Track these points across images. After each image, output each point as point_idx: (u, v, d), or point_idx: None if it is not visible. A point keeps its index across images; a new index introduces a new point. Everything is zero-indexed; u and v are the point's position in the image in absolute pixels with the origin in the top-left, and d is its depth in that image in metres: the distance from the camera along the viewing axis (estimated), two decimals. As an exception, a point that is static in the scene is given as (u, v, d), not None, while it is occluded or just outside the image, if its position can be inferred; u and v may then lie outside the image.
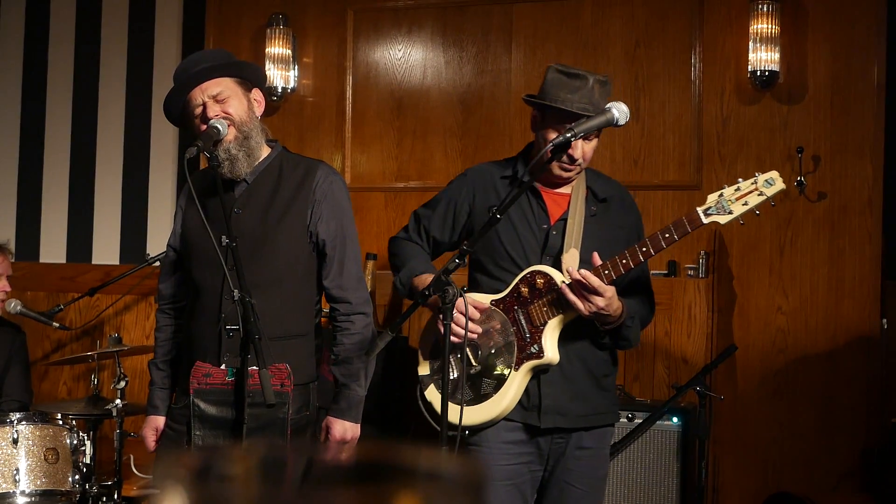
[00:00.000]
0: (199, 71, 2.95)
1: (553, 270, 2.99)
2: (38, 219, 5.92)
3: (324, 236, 3.01)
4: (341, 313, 3.05)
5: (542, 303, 2.98)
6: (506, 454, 3.00)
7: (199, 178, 3.17)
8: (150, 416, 3.14)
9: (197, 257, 3.05)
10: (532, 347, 2.97)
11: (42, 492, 3.77)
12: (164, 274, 3.22)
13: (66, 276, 5.77)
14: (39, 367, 5.61)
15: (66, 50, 5.90)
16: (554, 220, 3.07)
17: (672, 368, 4.70)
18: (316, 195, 3.01)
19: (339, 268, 3.04)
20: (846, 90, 4.60)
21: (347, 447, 0.58)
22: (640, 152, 4.87)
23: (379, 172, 5.32)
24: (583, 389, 3.04)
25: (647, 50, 4.89)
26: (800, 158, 4.58)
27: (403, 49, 5.31)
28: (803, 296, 4.62)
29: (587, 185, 3.11)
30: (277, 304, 2.91)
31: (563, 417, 3.02)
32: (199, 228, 2.97)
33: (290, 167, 3.06)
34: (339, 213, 3.05)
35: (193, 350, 3.02)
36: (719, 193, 2.91)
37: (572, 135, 2.79)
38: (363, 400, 3.07)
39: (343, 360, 3.03)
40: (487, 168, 3.22)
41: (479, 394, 2.99)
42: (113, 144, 5.78)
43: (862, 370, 4.50)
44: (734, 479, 4.64)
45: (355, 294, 3.06)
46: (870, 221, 4.54)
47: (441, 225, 3.18)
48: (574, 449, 3.04)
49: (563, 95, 2.95)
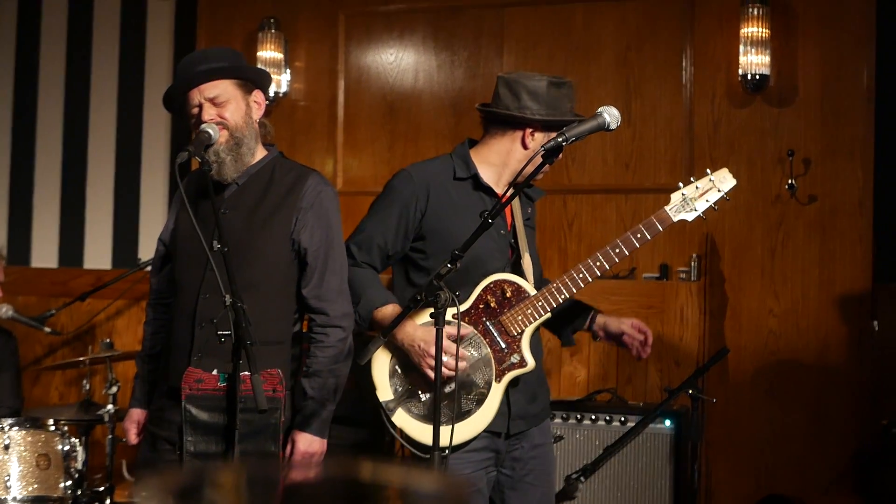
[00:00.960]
0: (199, 72, 2.93)
1: (518, 278, 2.97)
2: (29, 224, 5.91)
3: (306, 245, 2.97)
4: (317, 324, 2.99)
5: (515, 312, 2.94)
6: (469, 462, 2.95)
7: (193, 179, 3.17)
8: (132, 409, 3.14)
9: (182, 257, 3.04)
10: (512, 357, 2.94)
11: (34, 497, 3.76)
12: (154, 268, 3.23)
13: (58, 280, 5.76)
14: (31, 372, 5.60)
15: (57, 55, 5.89)
16: (509, 225, 3.05)
17: (664, 371, 4.71)
18: (303, 203, 2.97)
19: (320, 278, 2.98)
20: (836, 93, 4.62)
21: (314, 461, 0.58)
22: (631, 156, 4.88)
23: (371, 176, 5.32)
24: (535, 388, 3.09)
25: (639, 54, 4.90)
26: (790, 161, 4.59)
27: (395, 53, 5.31)
28: (794, 298, 4.63)
29: None
30: (254, 308, 2.88)
31: (525, 420, 3.04)
32: (189, 229, 2.97)
33: (281, 172, 3.04)
34: (325, 224, 3.00)
35: (170, 348, 3.02)
36: (681, 193, 3.02)
37: (564, 139, 2.77)
38: (332, 414, 2.99)
39: (313, 373, 2.96)
40: (429, 168, 3.11)
41: (461, 411, 2.92)
42: (104, 149, 5.77)
43: (853, 372, 4.52)
44: (727, 482, 4.65)
45: (333, 306, 2.98)
46: (860, 224, 4.56)
47: (395, 236, 3.03)
48: (530, 449, 3.07)
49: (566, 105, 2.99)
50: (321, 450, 2.98)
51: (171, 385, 2.98)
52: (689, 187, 3.01)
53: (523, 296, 2.94)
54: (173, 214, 3.17)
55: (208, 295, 2.91)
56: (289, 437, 2.98)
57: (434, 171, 3.08)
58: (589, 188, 4.96)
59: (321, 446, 2.97)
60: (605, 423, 4.20)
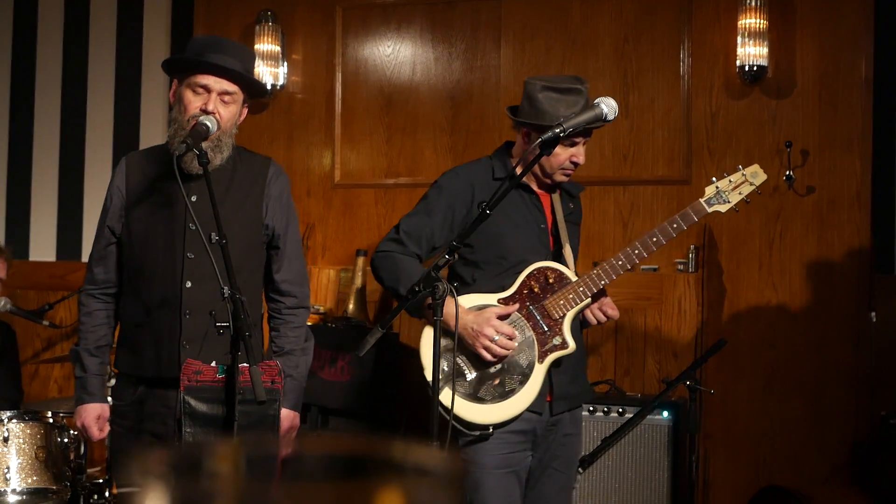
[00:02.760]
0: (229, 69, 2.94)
1: (560, 266, 3.14)
2: (27, 217, 5.91)
3: (279, 231, 3.09)
4: (286, 306, 3.14)
5: (557, 297, 3.10)
6: (507, 443, 3.08)
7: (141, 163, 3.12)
8: (88, 404, 3.08)
9: (149, 244, 2.99)
10: (555, 339, 3.10)
11: (33, 490, 3.76)
12: (98, 258, 3.11)
13: (56, 274, 5.76)
14: (30, 365, 5.60)
15: (54, 48, 5.89)
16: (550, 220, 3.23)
17: (662, 363, 4.71)
18: (271, 191, 3.08)
19: (289, 263, 3.13)
20: (834, 85, 4.62)
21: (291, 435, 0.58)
22: (629, 148, 4.88)
23: (368, 169, 5.32)
24: (578, 371, 3.24)
25: (636, 46, 4.90)
26: (788, 153, 4.60)
27: (392, 46, 5.31)
28: (793, 290, 4.63)
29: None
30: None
31: (566, 401, 3.18)
32: (153, 215, 2.97)
33: (242, 161, 3.09)
34: (290, 211, 3.14)
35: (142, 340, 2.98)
36: (716, 186, 3.21)
37: (561, 130, 2.80)
38: (303, 388, 3.17)
39: (288, 352, 3.10)
40: (475, 168, 3.29)
41: (505, 390, 3.06)
42: (102, 143, 5.77)
43: (851, 363, 4.52)
44: (725, 473, 4.66)
45: (301, 289, 3.15)
46: (858, 215, 4.56)
47: (441, 229, 3.20)
48: (561, 435, 3.19)
49: (564, 112, 3.02)
50: (297, 423, 3.13)
51: (153, 376, 2.96)
52: (723, 181, 3.22)
53: (565, 282, 3.11)
54: (119, 200, 3.08)
55: (191, 283, 2.92)
56: None
57: (477, 170, 3.28)
58: (586, 180, 4.94)
59: (297, 420, 3.13)
60: (603, 414, 4.21)
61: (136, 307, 3.03)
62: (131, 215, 3.05)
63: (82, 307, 3.12)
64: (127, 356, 3.05)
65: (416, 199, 5.23)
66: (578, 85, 3.08)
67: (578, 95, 3.05)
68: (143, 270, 3.02)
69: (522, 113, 3.14)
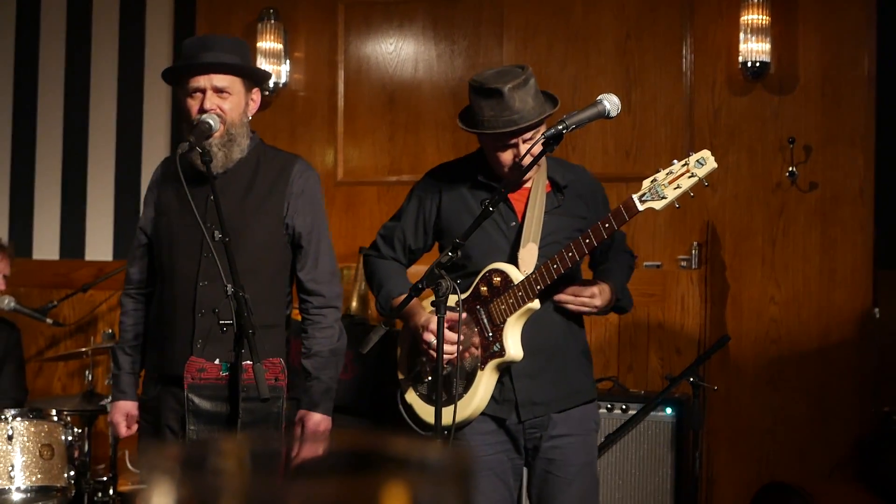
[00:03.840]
0: (216, 63, 2.95)
1: (509, 267, 2.98)
2: (30, 216, 5.92)
3: (300, 229, 3.05)
4: (314, 306, 3.08)
5: (499, 300, 2.96)
6: (484, 444, 3.01)
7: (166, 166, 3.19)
8: (119, 401, 3.12)
9: (172, 245, 3.04)
10: (494, 346, 2.96)
11: (37, 488, 3.77)
12: (132, 258, 3.20)
13: (60, 272, 5.76)
14: (34, 363, 5.61)
15: (56, 46, 5.89)
16: (520, 216, 3.05)
17: (665, 359, 4.71)
18: (293, 188, 3.05)
19: (315, 261, 3.07)
20: (837, 80, 4.61)
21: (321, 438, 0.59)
22: (631, 144, 4.88)
23: (371, 166, 5.32)
24: (556, 374, 3.04)
25: (638, 42, 4.89)
26: (791, 149, 4.59)
27: (395, 43, 5.31)
28: (796, 286, 4.63)
29: (549, 175, 3.08)
30: (251, 293, 2.91)
31: (540, 406, 3.02)
32: (177, 215, 2.99)
33: (266, 159, 3.09)
34: (315, 208, 3.10)
35: (163, 337, 3.01)
36: (652, 179, 2.82)
37: (564, 127, 2.79)
38: (334, 391, 3.09)
39: (315, 353, 3.04)
40: (448, 167, 3.24)
41: (452, 394, 2.97)
42: (105, 140, 5.77)
43: (854, 359, 4.52)
44: (728, 470, 4.66)
45: (328, 287, 3.09)
46: (861, 211, 4.56)
47: (414, 231, 3.16)
48: (548, 438, 3.03)
49: (488, 115, 2.92)
50: (327, 427, 3.07)
51: (168, 373, 2.99)
52: (663, 172, 2.81)
53: (509, 285, 2.96)
54: (151, 202, 3.16)
55: (206, 283, 2.93)
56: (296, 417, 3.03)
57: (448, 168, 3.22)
58: (590, 177, 4.95)
59: (328, 424, 3.07)
60: (607, 411, 4.20)
61: (159, 306, 3.08)
62: (158, 217, 3.11)
63: (121, 306, 3.22)
64: (150, 354, 3.10)
65: (418, 196, 5.27)
66: (500, 85, 2.88)
67: (497, 98, 2.87)
68: (164, 270, 3.06)
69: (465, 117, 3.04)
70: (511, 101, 2.88)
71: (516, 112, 2.88)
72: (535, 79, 2.97)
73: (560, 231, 3.03)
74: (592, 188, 3.19)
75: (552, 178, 3.08)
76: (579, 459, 3.06)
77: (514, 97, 2.88)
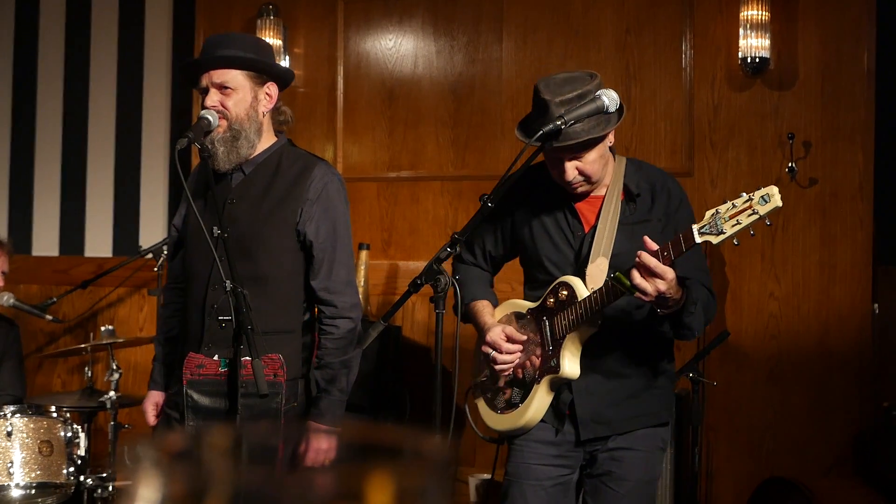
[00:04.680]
0: (215, 57, 2.92)
1: (577, 281, 2.89)
2: (30, 212, 5.92)
3: (312, 237, 2.96)
4: (326, 316, 3.00)
5: (563, 315, 2.89)
6: (535, 454, 2.96)
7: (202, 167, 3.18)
8: (151, 391, 3.17)
9: (191, 247, 3.07)
10: (552, 361, 2.90)
11: (37, 484, 3.77)
12: (170, 253, 3.28)
13: (59, 268, 5.76)
14: (33, 359, 5.61)
15: (56, 42, 5.89)
16: (588, 228, 2.95)
17: (665, 355, 4.71)
18: (309, 194, 2.95)
19: (328, 270, 2.98)
20: (837, 76, 4.61)
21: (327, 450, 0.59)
22: (631, 140, 4.88)
23: (371, 162, 5.32)
24: (623, 395, 2.95)
25: (638, 38, 4.89)
26: (791, 144, 4.59)
27: (394, 39, 5.31)
28: (795, 281, 4.63)
29: (624, 182, 2.95)
30: (263, 298, 2.90)
31: (603, 426, 2.94)
32: (193, 214, 3.00)
33: (288, 162, 3.01)
34: (333, 215, 2.99)
35: (184, 337, 3.04)
36: (715, 210, 2.68)
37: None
38: (345, 403, 3.02)
39: (325, 365, 2.98)
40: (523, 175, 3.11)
41: (510, 403, 3.00)
42: (104, 137, 5.77)
43: (854, 355, 4.52)
44: (728, 465, 4.66)
45: (342, 298, 2.99)
46: (861, 207, 4.55)
47: (493, 239, 3.13)
48: (606, 450, 2.95)
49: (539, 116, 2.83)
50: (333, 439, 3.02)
51: (178, 371, 3.01)
52: (726, 205, 2.66)
53: (574, 300, 2.87)
54: (186, 201, 3.16)
55: (217, 286, 2.92)
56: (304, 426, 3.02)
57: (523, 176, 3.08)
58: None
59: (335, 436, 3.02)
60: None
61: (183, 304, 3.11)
62: (187, 217, 3.12)
63: (164, 298, 3.28)
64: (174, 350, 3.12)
65: (418, 192, 5.28)
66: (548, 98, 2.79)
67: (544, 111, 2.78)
68: (185, 269, 3.10)
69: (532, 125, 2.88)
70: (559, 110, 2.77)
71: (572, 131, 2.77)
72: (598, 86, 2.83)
73: (633, 243, 2.80)
74: (664, 189, 2.98)
75: (626, 185, 2.95)
76: (636, 476, 2.96)
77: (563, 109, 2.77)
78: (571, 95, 2.78)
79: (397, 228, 5.25)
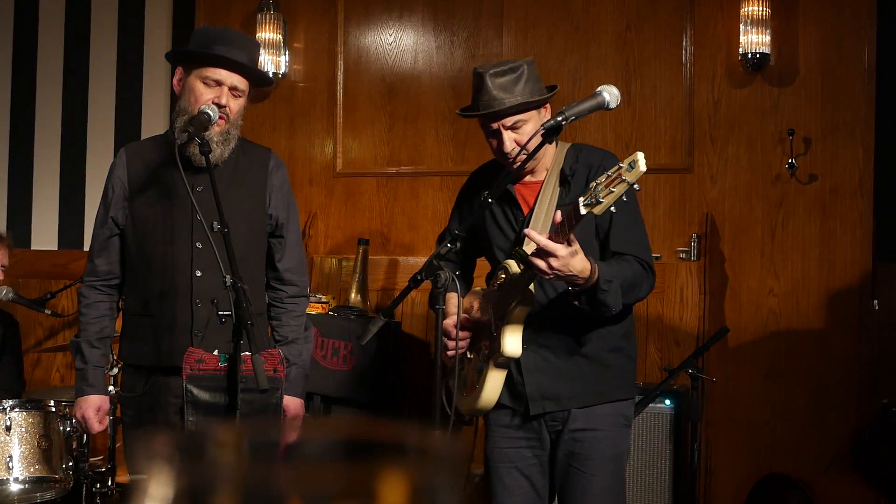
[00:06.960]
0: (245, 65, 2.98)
1: (511, 263, 2.93)
2: (29, 206, 5.91)
3: (283, 220, 3.14)
4: (289, 295, 3.18)
5: (502, 296, 2.95)
6: (504, 437, 3.05)
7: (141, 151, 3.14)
8: (89, 395, 3.08)
9: (156, 235, 3.01)
10: (496, 342, 2.94)
11: (35, 478, 3.77)
12: (99, 249, 3.11)
13: (58, 263, 5.76)
14: (32, 354, 5.61)
15: (55, 36, 5.88)
16: (528, 211, 3.02)
17: (664, 351, 4.71)
18: (273, 181, 3.13)
19: (291, 252, 3.17)
20: (837, 73, 4.61)
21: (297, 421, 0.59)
22: (631, 136, 4.88)
23: (370, 157, 5.32)
24: (573, 370, 2.99)
25: (638, 33, 4.88)
26: (791, 141, 4.59)
27: (394, 34, 5.30)
28: (795, 278, 4.63)
29: (562, 165, 3.02)
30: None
31: (553, 402, 2.99)
32: (162, 204, 2.98)
33: (245, 153, 3.12)
34: (290, 200, 3.20)
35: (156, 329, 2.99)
36: (595, 182, 2.61)
37: (563, 118, 2.77)
38: (307, 377, 3.22)
39: (291, 340, 3.14)
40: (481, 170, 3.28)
41: (471, 385, 3.05)
42: (103, 131, 5.76)
43: (853, 351, 4.52)
44: (727, 461, 4.66)
45: (301, 278, 3.21)
46: (861, 203, 4.55)
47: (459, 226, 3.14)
48: (569, 431, 2.99)
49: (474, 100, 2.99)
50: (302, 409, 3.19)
51: (164, 365, 2.97)
52: (603, 175, 2.60)
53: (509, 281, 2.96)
54: (120, 190, 3.10)
55: (201, 273, 2.93)
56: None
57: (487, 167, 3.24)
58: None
59: (303, 409, 3.19)
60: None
61: (142, 297, 3.04)
62: (135, 206, 3.06)
63: (83, 298, 3.11)
64: (134, 347, 3.05)
65: (418, 187, 5.27)
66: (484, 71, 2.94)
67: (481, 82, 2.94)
68: (149, 261, 3.02)
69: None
70: (490, 85, 2.92)
71: (495, 98, 2.92)
72: (533, 72, 2.97)
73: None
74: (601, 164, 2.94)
75: (563, 168, 3.01)
76: (601, 454, 2.99)
77: (495, 83, 2.93)
78: (504, 68, 2.94)
79: (397, 224, 5.25)
